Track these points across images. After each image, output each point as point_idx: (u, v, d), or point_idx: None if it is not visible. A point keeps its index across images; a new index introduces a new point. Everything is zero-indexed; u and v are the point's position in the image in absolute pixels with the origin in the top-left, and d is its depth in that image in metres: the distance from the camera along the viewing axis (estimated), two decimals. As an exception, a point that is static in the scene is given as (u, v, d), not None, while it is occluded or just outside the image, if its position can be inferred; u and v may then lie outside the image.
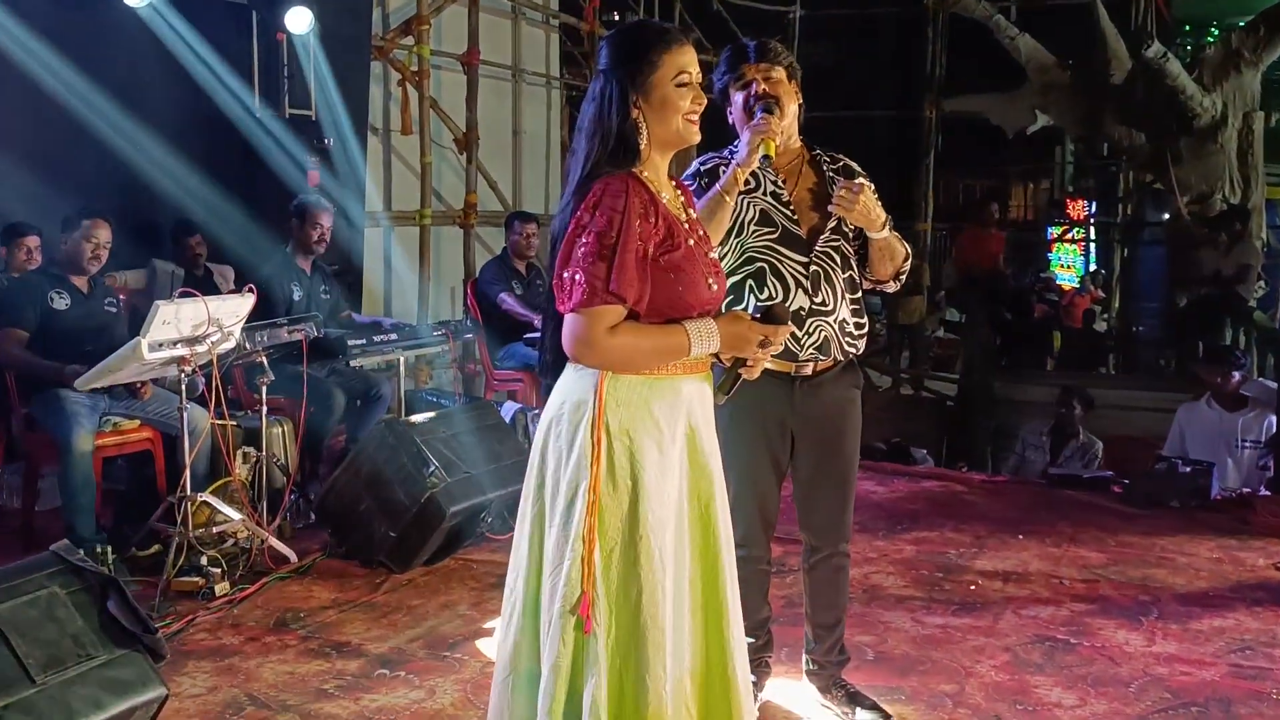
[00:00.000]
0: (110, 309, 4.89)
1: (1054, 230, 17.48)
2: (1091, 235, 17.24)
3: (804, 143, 3.09)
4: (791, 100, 2.95)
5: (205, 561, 4.24)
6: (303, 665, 3.63)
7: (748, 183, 2.90)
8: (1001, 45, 10.57)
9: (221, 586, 4.19)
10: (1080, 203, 17.71)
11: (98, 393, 4.52)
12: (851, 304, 3.01)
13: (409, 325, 6.09)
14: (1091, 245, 17.19)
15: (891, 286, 3.11)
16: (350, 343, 5.30)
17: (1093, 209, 17.20)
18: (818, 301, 2.94)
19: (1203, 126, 9.88)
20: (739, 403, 2.54)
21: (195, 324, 4.17)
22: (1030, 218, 18.78)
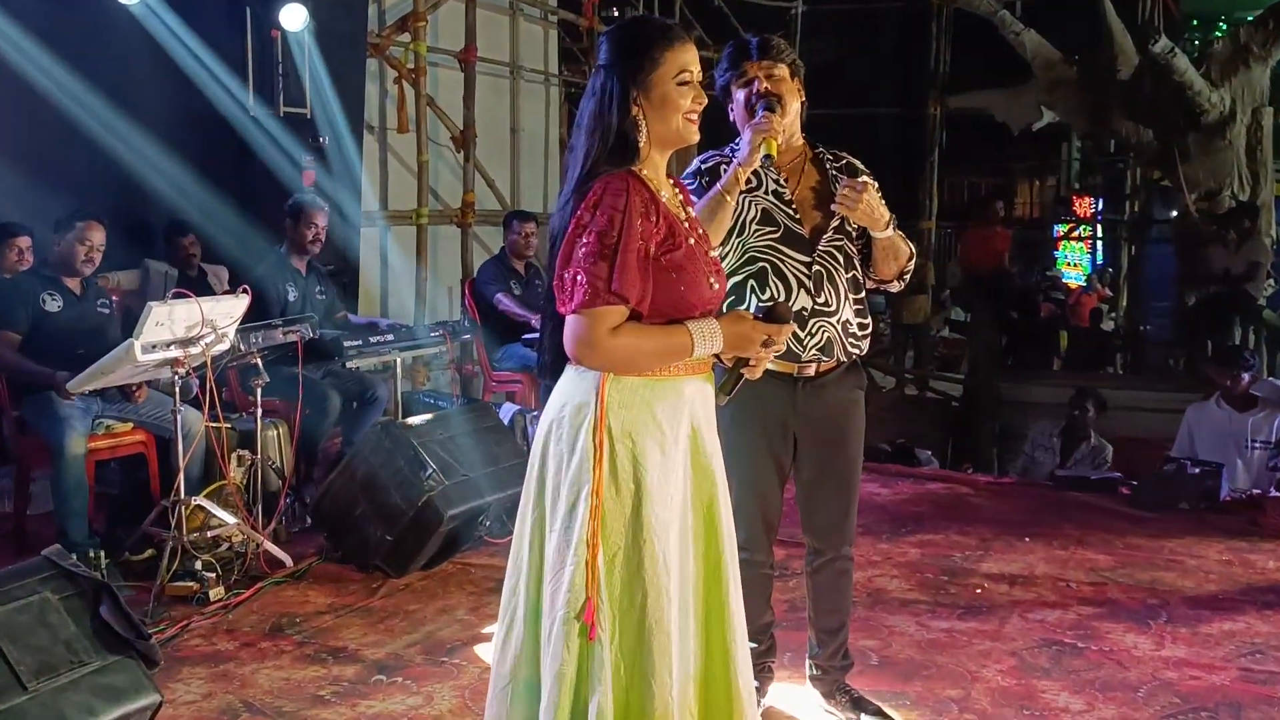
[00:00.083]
0: (103, 310, 4.89)
1: (1060, 228, 17.50)
2: (1098, 233, 17.26)
3: (806, 140, 3.09)
4: (794, 98, 2.95)
5: (199, 566, 4.24)
6: (299, 671, 3.63)
7: (749, 181, 2.90)
8: (1006, 40, 10.59)
9: (216, 591, 4.19)
10: (1087, 200, 17.72)
11: (90, 395, 4.52)
12: (855, 304, 3.01)
13: (406, 326, 6.09)
14: (1098, 243, 17.21)
15: (895, 286, 3.11)
16: (346, 344, 5.30)
17: (1099, 206, 17.22)
18: (820, 302, 2.94)
19: (1211, 122, 9.89)
20: (740, 404, 2.55)
21: (189, 325, 4.17)
22: (1036, 215, 18.80)
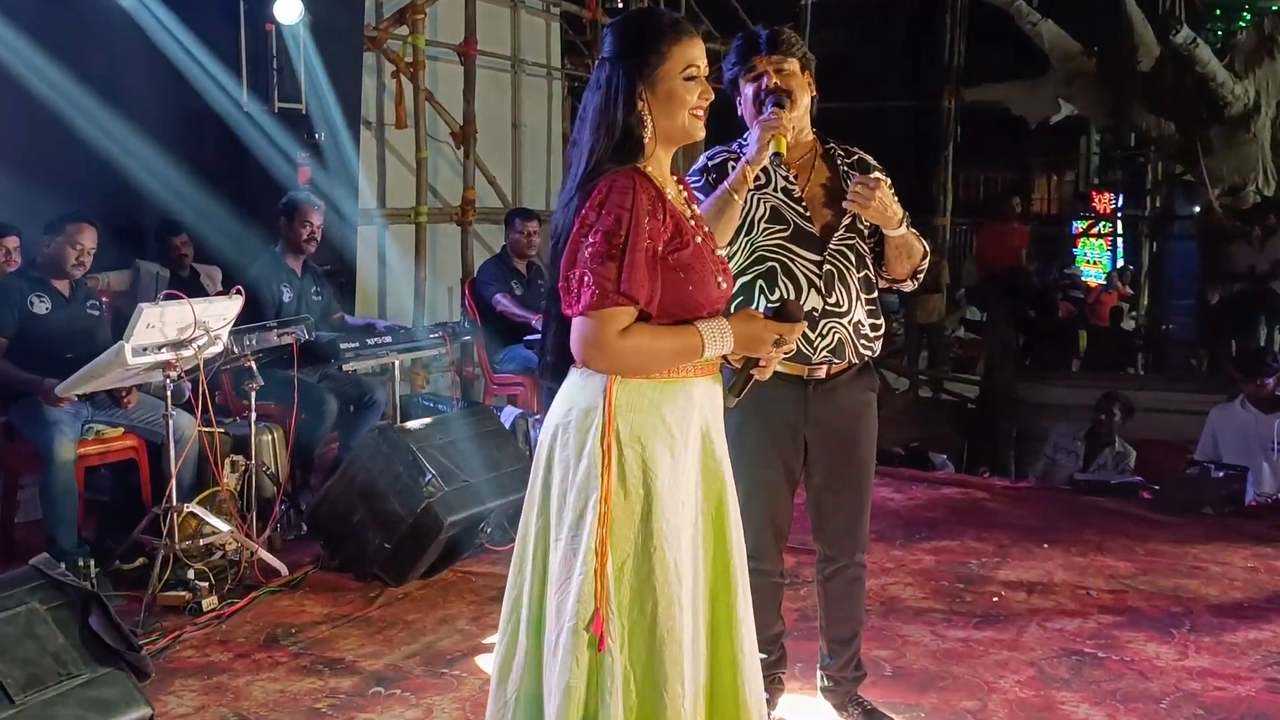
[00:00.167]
0: (93, 312, 4.89)
1: (1079, 225, 17.49)
2: (1118, 230, 17.24)
3: (817, 135, 3.07)
4: (804, 93, 2.93)
5: (192, 575, 4.23)
6: (294, 683, 3.62)
7: (758, 178, 2.88)
8: (1023, 31, 10.56)
9: (209, 601, 4.18)
10: (1107, 196, 17.71)
11: (80, 399, 4.52)
12: (867, 304, 3.00)
13: (404, 327, 6.09)
14: (1119, 240, 17.18)
15: (909, 286, 3.10)
16: (343, 346, 5.30)
17: (1120, 202, 17.20)
18: (831, 302, 2.93)
19: (1234, 115, 9.86)
20: (749, 407, 2.54)
21: (181, 327, 4.17)
22: (1054, 212, 18.80)
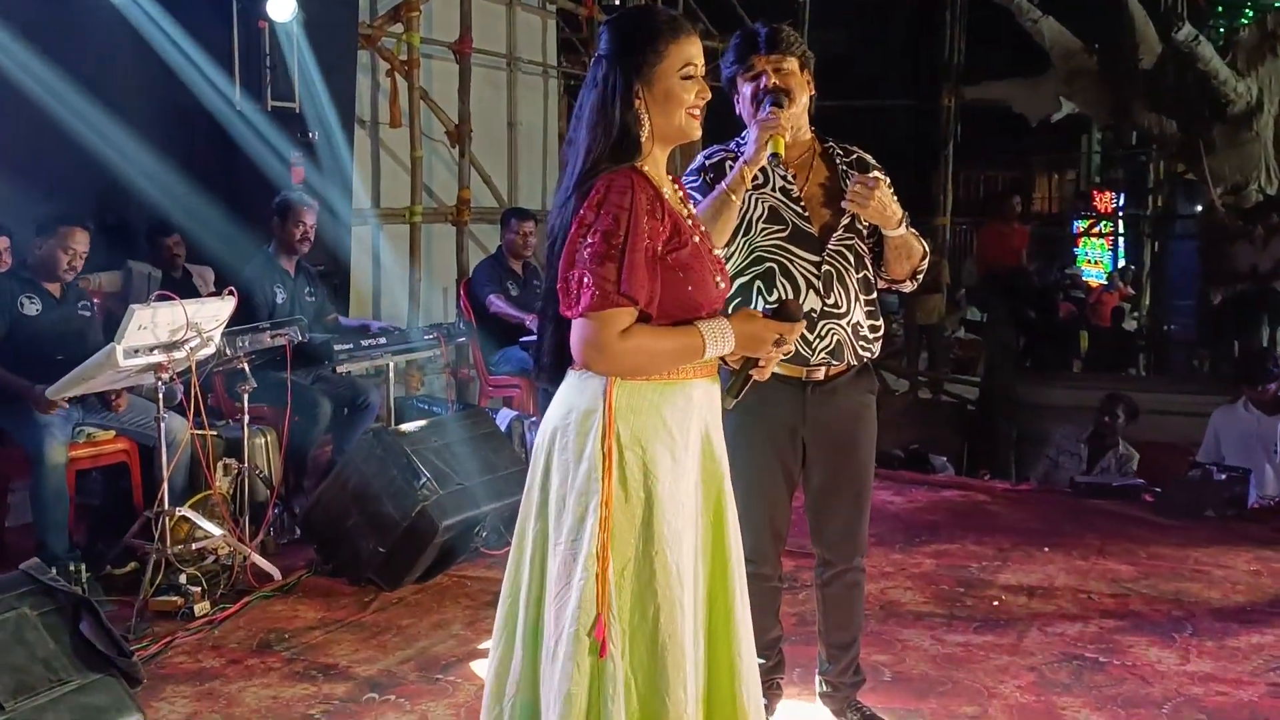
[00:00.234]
0: (84, 313, 4.89)
1: (1080, 224, 17.49)
2: (1120, 229, 17.25)
3: (815, 134, 3.07)
4: (803, 92, 2.93)
5: (184, 580, 4.23)
6: (287, 689, 3.62)
7: (755, 178, 2.89)
8: (1023, 29, 10.58)
9: (201, 606, 4.19)
10: (1108, 195, 17.72)
11: (71, 402, 4.52)
12: (866, 305, 3.00)
13: (399, 329, 6.09)
14: (1120, 240, 17.20)
15: (908, 286, 3.11)
16: (337, 347, 5.30)
17: (1121, 201, 17.22)
18: (830, 303, 2.94)
19: (1237, 113, 9.88)
20: (747, 410, 2.54)
21: (173, 329, 4.17)
22: (1055, 211, 18.81)
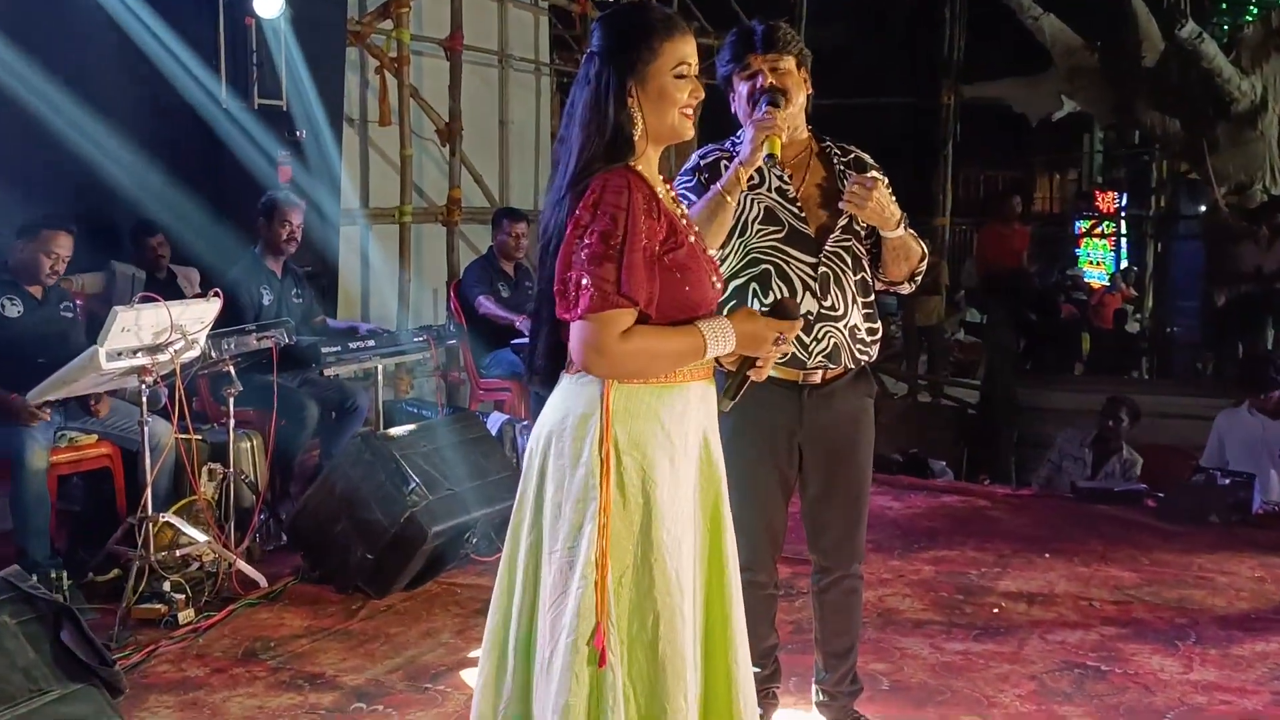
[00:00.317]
0: (66, 314, 4.87)
1: (1082, 224, 17.52)
2: (1122, 230, 17.29)
3: (812, 133, 3.07)
4: (800, 91, 2.93)
5: (168, 587, 4.22)
6: (273, 699, 3.61)
7: (751, 178, 2.88)
8: (1024, 26, 10.59)
9: (185, 614, 4.18)
10: (1110, 195, 17.75)
11: (52, 406, 4.51)
12: (864, 308, 3.00)
13: (388, 331, 6.09)
14: (1122, 240, 17.24)
15: (906, 288, 3.10)
16: (324, 350, 5.29)
17: (1123, 201, 17.25)
18: (827, 305, 2.93)
19: (1241, 112, 9.90)
20: (743, 414, 2.54)
21: (157, 331, 4.16)
22: (1056, 211, 18.84)
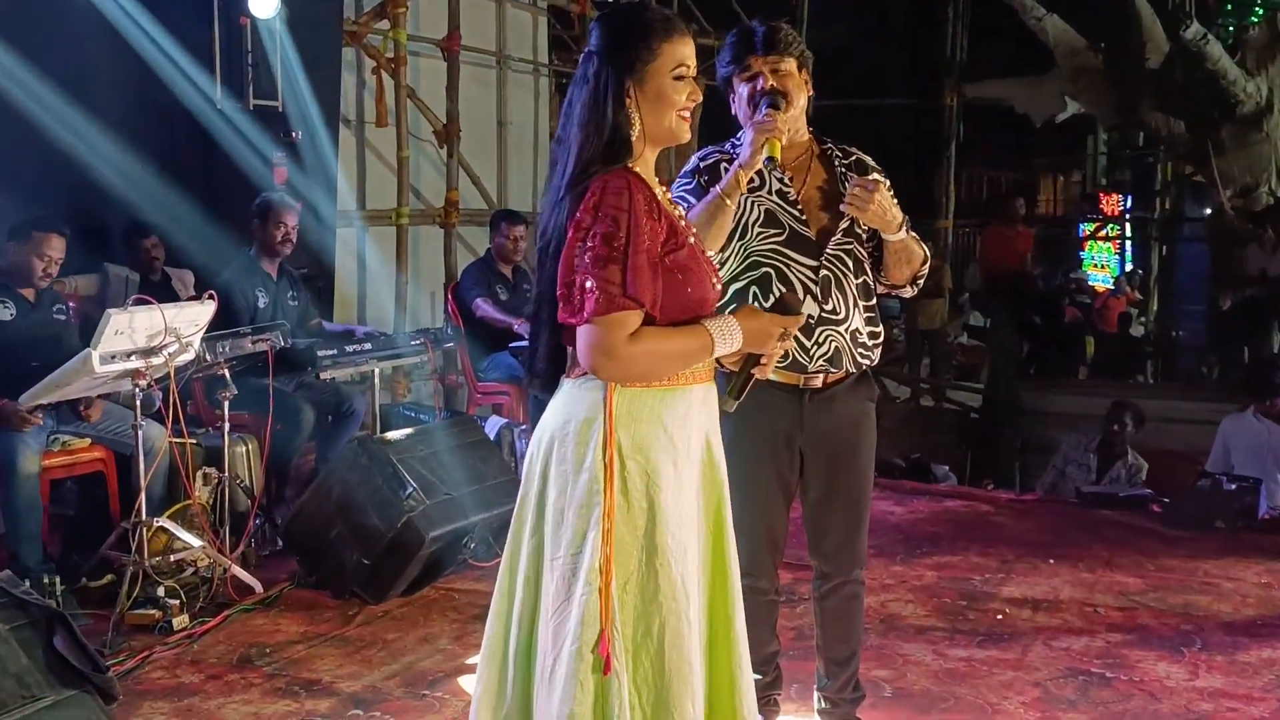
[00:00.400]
0: (59, 317, 4.87)
1: (1086, 227, 17.55)
2: (1127, 232, 17.32)
3: (813, 135, 3.07)
4: (801, 92, 2.93)
5: (162, 592, 4.22)
6: (268, 706, 3.61)
7: (751, 181, 2.88)
8: (1027, 26, 10.60)
9: (180, 620, 4.17)
10: (1114, 197, 17.80)
11: (45, 409, 4.51)
12: (865, 311, 3.00)
13: (385, 334, 6.08)
14: (1127, 243, 17.27)
15: (908, 291, 3.10)
16: (320, 353, 5.29)
17: (1128, 204, 17.29)
18: (828, 309, 2.93)
19: (1246, 114, 9.90)
20: (743, 418, 2.54)
21: (151, 334, 4.16)
22: (1060, 213, 18.90)
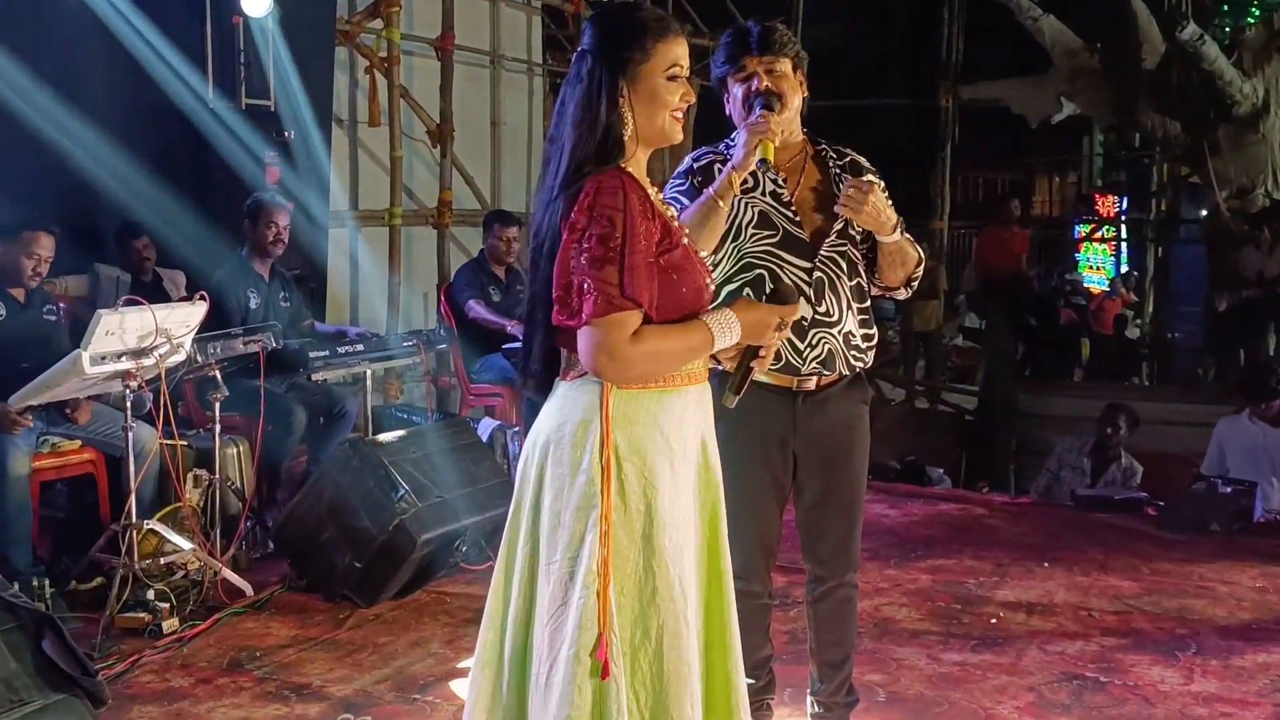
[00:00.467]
0: (49, 317, 4.87)
1: (1082, 228, 17.58)
2: (1123, 234, 17.35)
3: (807, 136, 3.07)
4: (795, 94, 2.93)
5: (152, 595, 4.22)
6: (259, 709, 3.61)
7: (745, 182, 2.89)
8: (1024, 27, 10.63)
9: (170, 623, 4.17)
10: (1110, 198, 17.81)
11: (34, 411, 4.50)
12: (859, 313, 3.00)
13: (377, 335, 6.08)
14: (1123, 245, 17.29)
15: (902, 293, 3.11)
16: (312, 354, 5.28)
17: (1124, 205, 17.31)
18: (821, 311, 2.93)
19: (1243, 115, 9.93)
20: (736, 420, 2.54)
21: (141, 335, 4.16)
22: (1056, 215, 18.91)
